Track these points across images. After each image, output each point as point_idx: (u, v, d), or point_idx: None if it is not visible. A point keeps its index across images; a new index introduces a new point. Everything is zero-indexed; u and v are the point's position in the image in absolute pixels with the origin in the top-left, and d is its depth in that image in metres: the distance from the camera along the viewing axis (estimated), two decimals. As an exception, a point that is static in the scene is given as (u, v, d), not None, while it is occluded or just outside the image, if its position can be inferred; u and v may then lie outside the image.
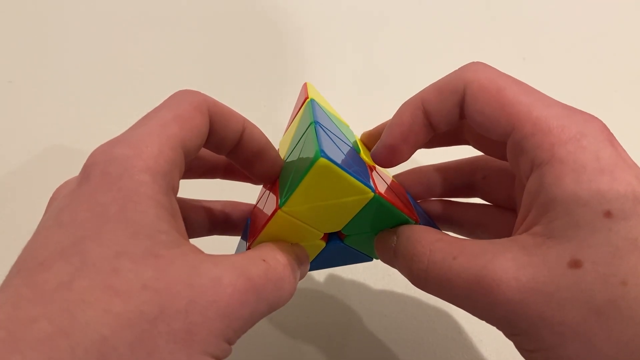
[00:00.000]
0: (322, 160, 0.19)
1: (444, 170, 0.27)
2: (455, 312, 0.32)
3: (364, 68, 0.46)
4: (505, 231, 0.24)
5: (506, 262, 0.18)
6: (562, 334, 0.17)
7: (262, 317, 0.18)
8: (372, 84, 0.45)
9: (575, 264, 0.17)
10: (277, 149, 0.24)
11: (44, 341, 0.14)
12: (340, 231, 0.23)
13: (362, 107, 0.42)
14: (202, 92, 0.20)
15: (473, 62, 0.21)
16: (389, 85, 0.44)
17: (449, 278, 0.19)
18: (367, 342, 0.31)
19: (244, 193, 0.28)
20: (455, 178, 0.26)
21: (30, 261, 0.16)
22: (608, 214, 0.17)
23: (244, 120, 0.22)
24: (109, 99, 0.42)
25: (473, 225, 0.26)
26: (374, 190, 0.20)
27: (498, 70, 0.21)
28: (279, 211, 0.20)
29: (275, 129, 0.40)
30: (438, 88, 0.22)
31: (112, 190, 0.16)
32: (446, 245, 0.19)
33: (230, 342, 0.17)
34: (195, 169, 0.24)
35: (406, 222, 0.22)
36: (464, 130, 0.25)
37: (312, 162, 0.19)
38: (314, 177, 0.19)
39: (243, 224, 0.26)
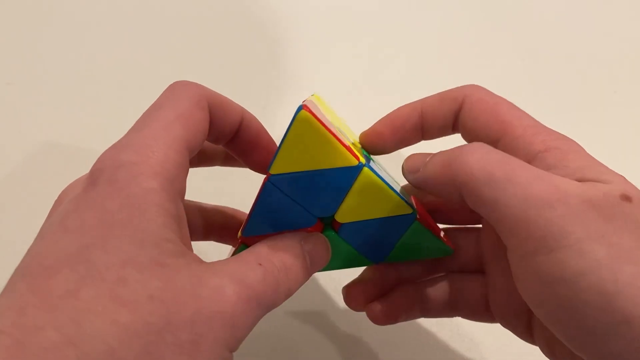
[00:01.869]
0: (303, 112, 0.18)
1: None
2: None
3: (363, 70, 0.46)
4: (479, 305, 0.25)
5: (571, 181, 0.18)
6: (619, 257, 0.16)
7: (258, 321, 0.18)
8: (371, 85, 0.45)
9: (626, 198, 0.17)
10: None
11: (51, 350, 0.14)
12: (334, 220, 0.22)
13: (362, 109, 0.42)
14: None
15: (474, 84, 0.24)
16: (388, 87, 0.44)
17: (511, 165, 0.18)
18: (364, 343, 0.31)
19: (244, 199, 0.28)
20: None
21: (35, 266, 0.15)
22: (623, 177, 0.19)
23: (242, 110, 0.22)
24: (108, 101, 0.42)
25: (443, 302, 0.25)
26: (360, 161, 0.20)
27: (495, 94, 0.23)
28: (268, 180, 0.20)
29: (274, 131, 0.40)
30: (439, 95, 0.24)
31: (120, 197, 0.16)
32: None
33: (233, 351, 0.17)
34: (194, 158, 0.24)
35: (402, 211, 0.22)
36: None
37: (293, 117, 0.18)
38: (296, 132, 0.19)
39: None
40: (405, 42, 0.48)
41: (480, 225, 0.26)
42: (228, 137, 0.22)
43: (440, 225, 0.26)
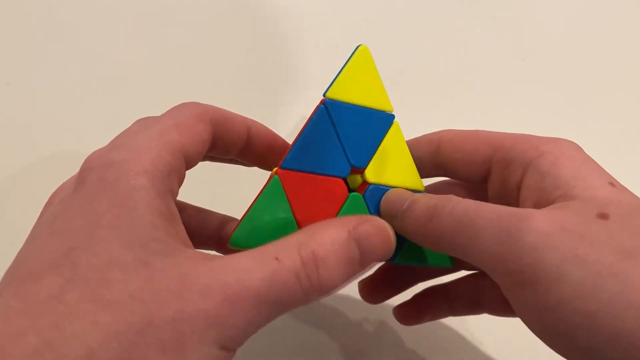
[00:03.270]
0: (364, 46, 0.23)
1: None
2: (455, 318, 0.32)
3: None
4: (503, 302, 0.25)
5: (539, 210, 0.18)
6: (599, 274, 0.16)
7: (272, 319, 0.17)
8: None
9: (603, 216, 0.18)
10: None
11: (31, 355, 0.14)
12: (361, 185, 0.23)
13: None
14: (202, 98, 0.21)
15: (446, 129, 0.25)
16: (390, 88, 0.44)
17: (477, 209, 0.19)
18: (365, 344, 0.31)
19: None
20: None
21: (22, 271, 0.15)
22: (612, 184, 0.19)
23: (248, 121, 0.22)
24: (107, 101, 0.42)
25: (469, 300, 0.26)
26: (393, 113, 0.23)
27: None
28: (322, 103, 0.22)
29: (274, 130, 0.39)
30: (415, 139, 0.25)
31: (108, 197, 0.16)
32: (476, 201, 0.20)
33: (229, 348, 0.16)
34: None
35: (417, 187, 0.24)
36: None
37: (353, 51, 0.23)
38: (356, 61, 0.23)
39: None
40: (406, 43, 0.48)
41: None
42: (237, 150, 0.22)
43: None
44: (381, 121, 0.23)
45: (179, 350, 0.15)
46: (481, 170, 0.23)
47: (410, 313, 0.27)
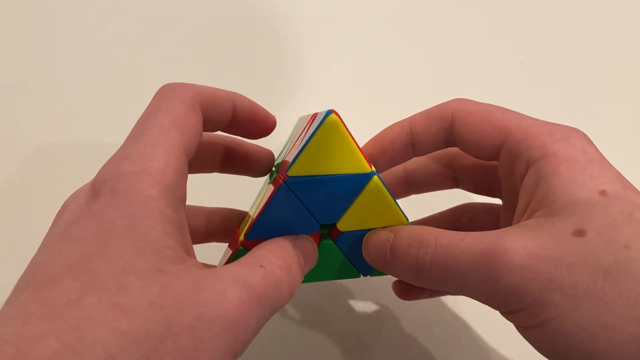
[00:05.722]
0: (333, 116, 0.20)
1: (431, 222, 0.29)
2: (454, 319, 0.32)
3: (362, 74, 0.46)
4: None
5: (513, 236, 0.19)
6: (575, 297, 0.18)
7: (265, 323, 0.18)
8: (371, 89, 0.45)
9: (579, 233, 0.18)
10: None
11: (52, 358, 0.14)
12: (333, 229, 0.23)
13: (362, 114, 0.42)
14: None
15: (458, 98, 0.24)
16: (390, 89, 0.44)
17: (456, 256, 0.19)
18: (365, 349, 0.31)
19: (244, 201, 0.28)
20: (443, 227, 0.28)
21: (38, 276, 0.16)
22: (603, 193, 0.19)
23: (232, 95, 0.22)
24: (108, 104, 0.42)
25: None
26: (372, 169, 0.21)
27: (481, 102, 0.24)
28: (283, 182, 0.20)
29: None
30: (426, 113, 0.24)
31: (121, 207, 0.17)
32: (452, 234, 0.20)
33: (237, 356, 0.17)
34: (192, 164, 0.25)
35: (399, 222, 0.23)
36: (455, 166, 0.27)
37: (323, 119, 0.20)
38: (323, 133, 0.20)
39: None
40: (406, 45, 0.48)
41: (501, 203, 0.26)
42: (223, 124, 0.22)
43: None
44: (354, 182, 0.21)
45: (195, 357, 0.15)
46: (491, 153, 0.23)
47: (409, 288, 0.27)
